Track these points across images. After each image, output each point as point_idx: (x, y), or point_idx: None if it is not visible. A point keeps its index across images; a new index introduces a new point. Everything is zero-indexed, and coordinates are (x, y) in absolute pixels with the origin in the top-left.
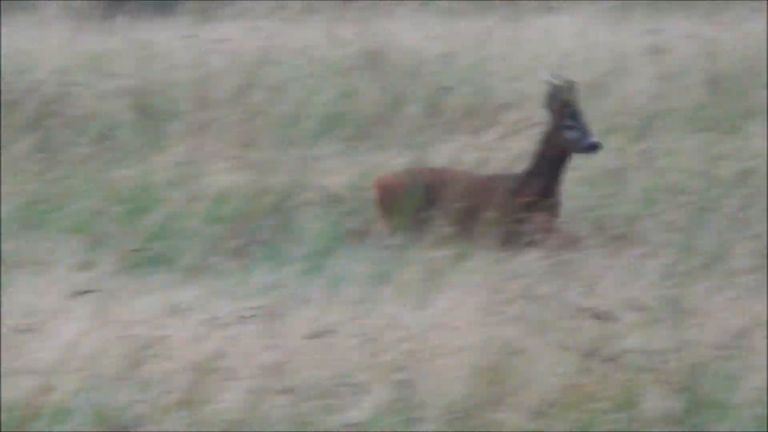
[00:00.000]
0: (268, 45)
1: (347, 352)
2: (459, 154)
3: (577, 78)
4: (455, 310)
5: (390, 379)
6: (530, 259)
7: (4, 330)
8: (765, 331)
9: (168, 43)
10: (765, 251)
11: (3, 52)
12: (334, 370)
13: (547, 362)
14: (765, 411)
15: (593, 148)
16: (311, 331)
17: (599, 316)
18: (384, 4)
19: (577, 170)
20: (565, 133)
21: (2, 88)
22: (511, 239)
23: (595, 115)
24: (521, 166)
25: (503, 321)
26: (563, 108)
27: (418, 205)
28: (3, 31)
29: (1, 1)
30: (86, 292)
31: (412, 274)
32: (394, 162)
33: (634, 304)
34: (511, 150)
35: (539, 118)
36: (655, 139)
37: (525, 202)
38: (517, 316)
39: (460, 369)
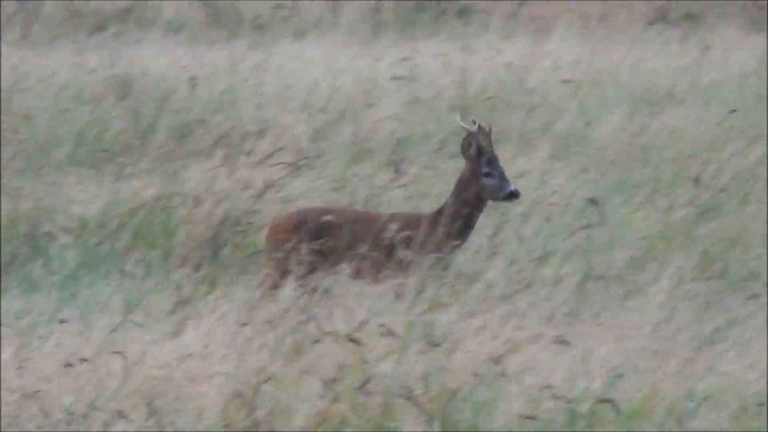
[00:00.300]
0: (16, 73)
1: (101, 379)
2: (208, 181)
3: (325, 105)
4: (209, 338)
5: (145, 407)
6: (286, 287)
7: None
8: (518, 357)
9: None
10: (519, 276)
11: None
12: (88, 397)
13: (300, 389)
14: None
15: (512, 196)
16: (65, 358)
17: (352, 341)
18: (132, 32)
19: (331, 195)
20: (482, 181)
21: None
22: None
23: (344, 142)
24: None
25: (257, 348)
26: (479, 155)
27: (309, 244)
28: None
29: None
30: None
31: (165, 301)
32: (143, 190)
33: (387, 331)
34: (261, 177)
35: (287, 144)
36: (405, 165)
37: (437, 243)
38: (271, 343)
39: (214, 396)
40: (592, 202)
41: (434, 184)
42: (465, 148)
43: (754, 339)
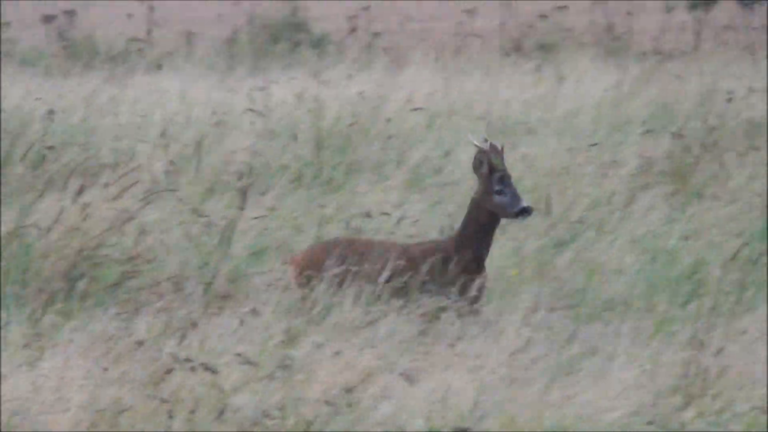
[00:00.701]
0: None
1: None
2: (63, 213)
3: (181, 136)
4: (65, 369)
5: None
6: (144, 317)
7: None
8: (373, 386)
9: None
10: (375, 306)
11: None
12: None
13: (155, 419)
14: None
15: (524, 212)
16: None
17: (208, 371)
18: None
19: (187, 227)
20: (495, 199)
21: None
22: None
23: (199, 173)
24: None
25: (112, 379)
26: (491, 173)
27: (335, 275)
28: None
29: None
30: None
31: (21, 333)
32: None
33: (243, 361)
34: (116, 208)
35: (142, 175)
36: (260, 196)
37: (457, 271)
38: (127, 373)
39: (70, 428)
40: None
41: (291, 215)
42: (477, 166)
43: (610, 369)
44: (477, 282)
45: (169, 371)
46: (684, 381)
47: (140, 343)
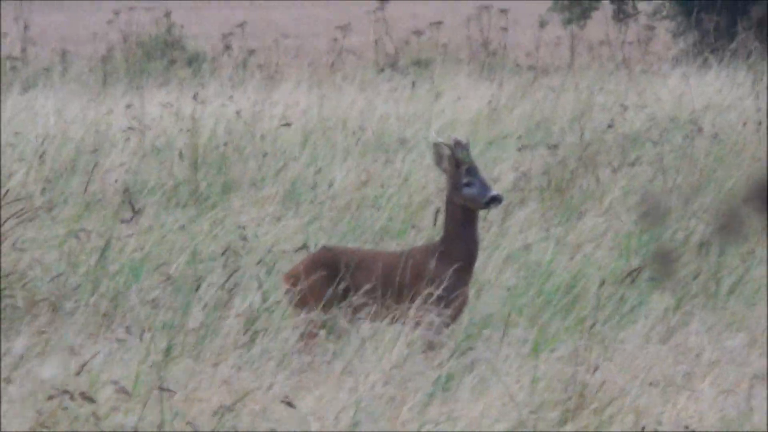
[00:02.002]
0: None
1: None
2: None
3: (56, 154)
4: None
5: None
6: (22, 338)
7: None
8: (252, 405)
9: None
10: (243, 328)
11: None
12: None
13: None
14: None
15: (495, 201)
16: None
17: (85, 399)
18: None
19: (64, 245)
20: (464, 192)
21: None
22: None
23: (75, 191)
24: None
25: None
26: (458, 166)
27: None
28: None
29: None
30: None
31: None
32: None
33: (118, 384)
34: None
35: (18, 194)
36: (137, 215)
37: (447, 269)
38: (6, 393)
39: None
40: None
41: (167, 233)
42: (437, 161)
43: (489, 384)
44: (460, 298)
45: (50, 398)
46: (563, 396)
47: (17, 365)
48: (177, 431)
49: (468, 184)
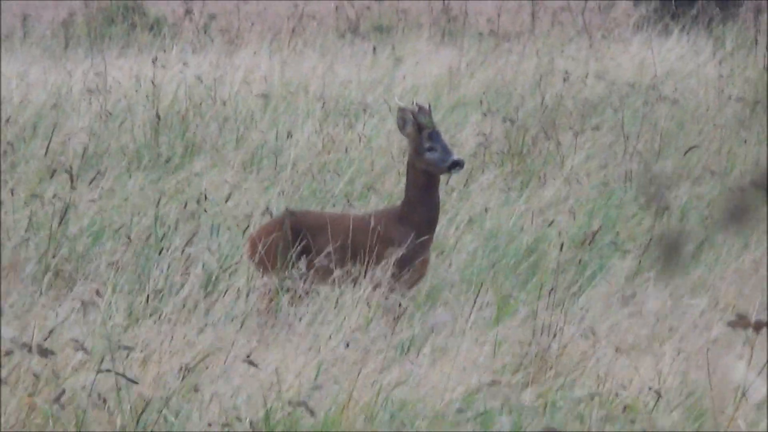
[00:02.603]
0: None
1: None
2: None
3: (17, 118)
4: None
5: None
6: None
7: None
8: (212, 367)
9: None
10: (212, 288)
11: None
12: None
13: None
14: None
15: (456, 165)
16: None
17: (44, 354)
18: None
19: (25, 210)
20: (426, 156)
21: None
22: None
23: (36, 156)
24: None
25: None
26: (420, 131)
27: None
28: None
29: None
30: None
31: None
32: None
33: (79, 346)
34: None
35: None
36: (98, 178)
37: (409, 233)
38: None
39: None
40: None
41: (129, 196)
42: (401, 126)
43: (451, 348)
44: (421, 262)
45: (8, 353)
46: (524, 360)
47: None
48: (137, 393)
49: (430, 149)
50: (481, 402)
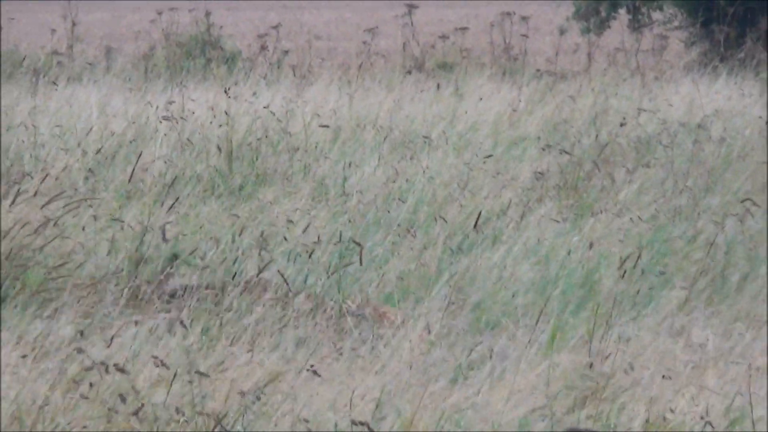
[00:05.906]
0: None
1: None
2: None
3: (99, 146)
4: None
5: None
6: (66, 318)
7: None
8: (282, 387)
9: None
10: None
11: None
12: None
13: (68, 416)
14: None
15: None
16: None
17: (122, 371)
18: None
19: (107, 232)
20: None
21: None
22: None
23: (117, 182)
24: None
25: (34, 376)
26: None
27: None
28: None
29: None
30: None
31: None
32: None
33: (158, 363)
34: (39, 215)
35: (63, 184)
36: (176, 205)
37: None
38: (47, 370)
39: None
40: (352, 242)
41: (204, 221)
42: None
43: (508, 373)
44: None
45: (88, 369)
46: (577, 384)
47: (62, 343)
48: (210, 409)
49: None
50: (536, 423)
